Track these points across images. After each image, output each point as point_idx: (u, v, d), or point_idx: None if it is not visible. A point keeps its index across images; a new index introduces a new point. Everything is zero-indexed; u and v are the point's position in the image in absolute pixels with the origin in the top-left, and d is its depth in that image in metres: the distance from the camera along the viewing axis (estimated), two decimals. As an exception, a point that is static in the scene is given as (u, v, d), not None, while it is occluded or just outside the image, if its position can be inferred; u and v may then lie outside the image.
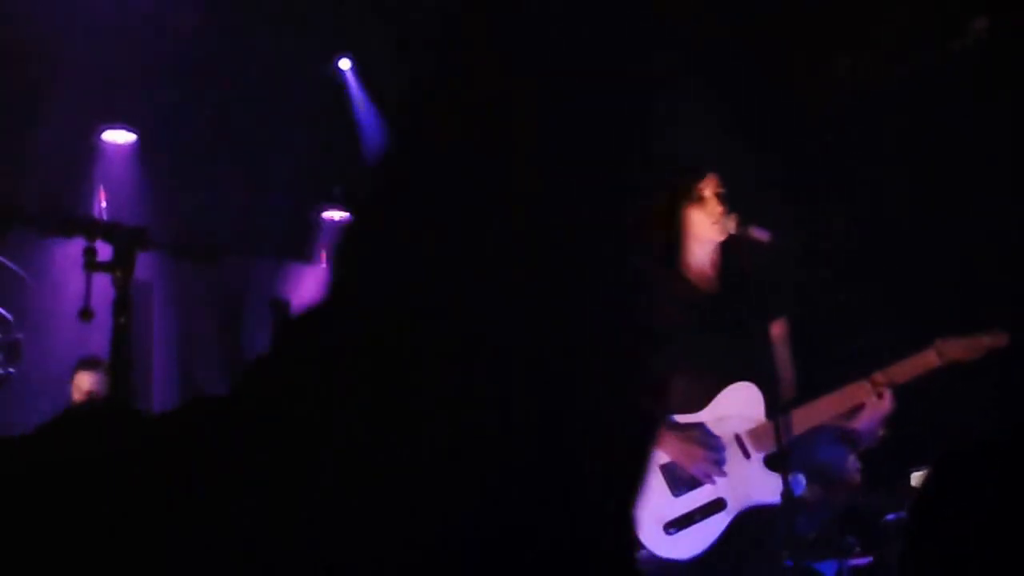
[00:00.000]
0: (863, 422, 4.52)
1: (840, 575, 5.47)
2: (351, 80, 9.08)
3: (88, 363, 6.45)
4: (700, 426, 4.46)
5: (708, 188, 4.58)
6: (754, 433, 4.47)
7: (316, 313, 1.12)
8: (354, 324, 1.09)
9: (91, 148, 8.03)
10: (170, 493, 1.03)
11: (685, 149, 5.20)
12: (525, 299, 1.10)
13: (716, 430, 4.46)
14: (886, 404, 4.44)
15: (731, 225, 4.51)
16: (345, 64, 9.04)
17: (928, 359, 4.42)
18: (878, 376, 4.44)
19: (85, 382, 6.45)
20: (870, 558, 5.54)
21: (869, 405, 4.44)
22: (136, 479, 1.06)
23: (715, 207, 4.54)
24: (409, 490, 1.03)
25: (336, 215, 9.78)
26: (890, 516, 5.44)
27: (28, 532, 1.04)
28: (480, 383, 1.07)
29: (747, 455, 4.45)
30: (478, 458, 1.05)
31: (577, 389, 1.12)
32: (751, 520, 4.42)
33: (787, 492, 4.27)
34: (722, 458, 4.41)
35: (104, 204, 6.57)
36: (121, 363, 3.18)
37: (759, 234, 4.46)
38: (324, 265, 9.80)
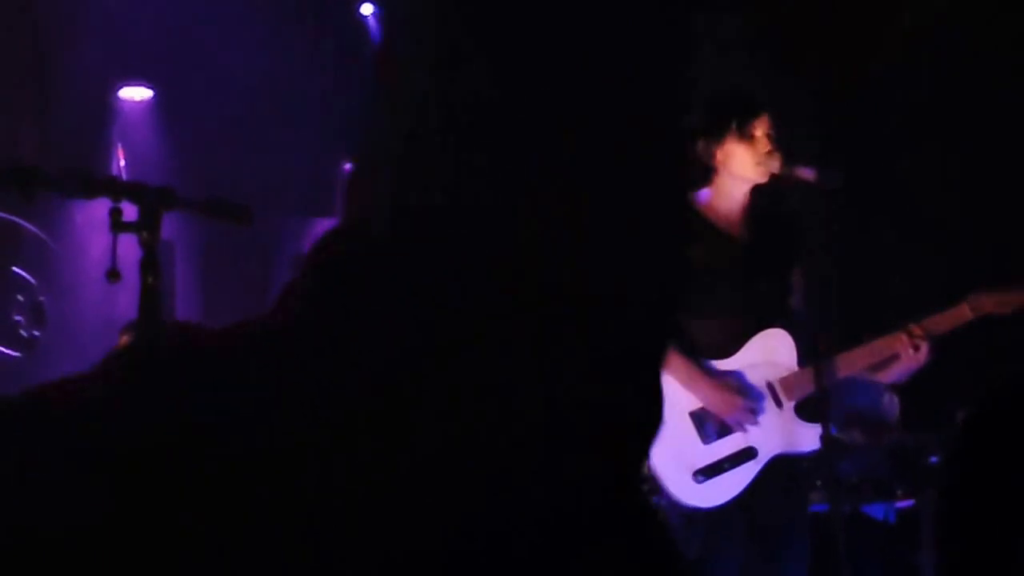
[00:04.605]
0: (895, 374, 4.49)
1: (887, 517, 5.46)
2: (374, 27, 8.85)
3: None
4: (736, 374, 4.42)
5: (760, 127, 4.46)
6: (786, 381, 4.43)
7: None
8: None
9: (109, 107, 7.99)
10: (169, 491, 0.97)
11: (734, 81, 5.10)
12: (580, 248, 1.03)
13: (748, 378, 4.42)
14: (922, 356, 4.38)
15: (776, 164, 4.41)
16: (367, 9, 8.81)
17: (962, 312, 4.38)
18: (915, 328, 4.39)
19: None
20: (913, 500, 5.53)
21: (904, 357, 4.38)
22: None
23: (763, 146, 4.43)
24: (410, 487, 0.97)
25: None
26: (934, 458, 5.41)
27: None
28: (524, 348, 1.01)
29: (779, 404, 4.41)
30: (483, 454, 1.00)
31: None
32: (780, 469, 4.39)
33: (827, 437, 4.24)
34: (759, 407, 4.38)
35: (123, 163, 6.55)
36: (150, 325, 3.12)
37: (805, 173, 4.36)
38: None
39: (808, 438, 4.37)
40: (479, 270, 1.00)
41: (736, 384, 4.38)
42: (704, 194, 4.50)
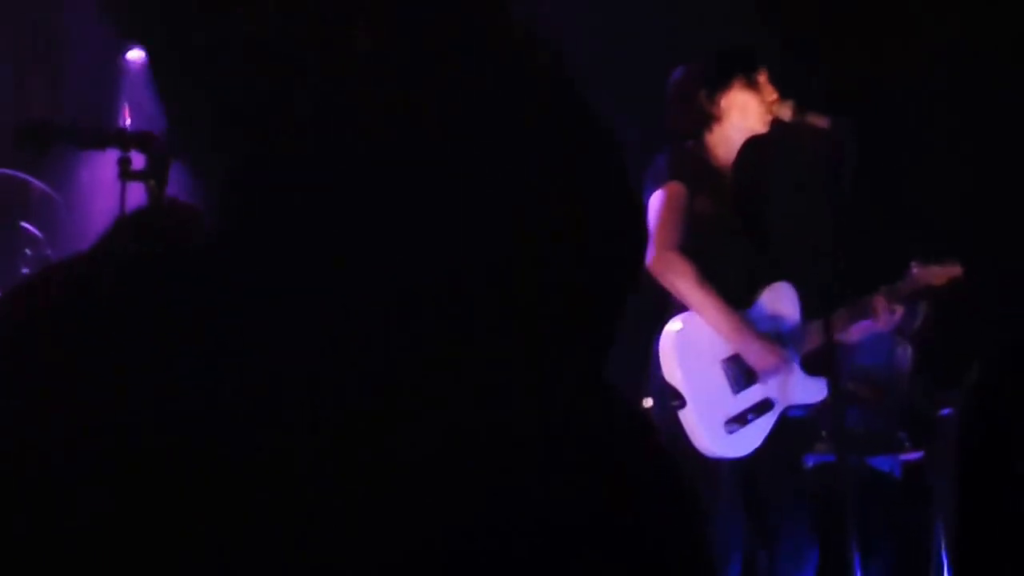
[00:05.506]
0: (862, 333, 4.57)
1: (893, 470, 5.47)
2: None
3: None
4: (766, 323, 4.42)
5: (763, 75, 4.42)
6: (795, 334, 4.44)
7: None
8: None
9: (119, 68, 7.98)
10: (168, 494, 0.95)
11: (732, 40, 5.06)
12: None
13: (765, 329, 4.42)
14: (896, 318, 4.52)
15: (787, 112, 4.37)
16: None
17: (913, 281, 4.54)
18: (887, 292, 4.47)
19: None
20: (921, 453, 5.54)
21: (883, 320, 4.50)
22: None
23: (769, 93, 4.40)
24: (409, 487, 0.97)
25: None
26: (943, 411, 5.42)
27: None
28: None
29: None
30: (483, 453, 0.99)
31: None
32: (790, 421, 4.41)
33: (835, 389, 4.26)
34: (790, 358, 4.38)
35: (128, 122, 6.53)
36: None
37: (818, 121, 4.33)
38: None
39: (812, 390, 4.40)
40: (479, 272, 1.01)
41: (771, 334, 4.39)
42: (695, 144, 4.45)
